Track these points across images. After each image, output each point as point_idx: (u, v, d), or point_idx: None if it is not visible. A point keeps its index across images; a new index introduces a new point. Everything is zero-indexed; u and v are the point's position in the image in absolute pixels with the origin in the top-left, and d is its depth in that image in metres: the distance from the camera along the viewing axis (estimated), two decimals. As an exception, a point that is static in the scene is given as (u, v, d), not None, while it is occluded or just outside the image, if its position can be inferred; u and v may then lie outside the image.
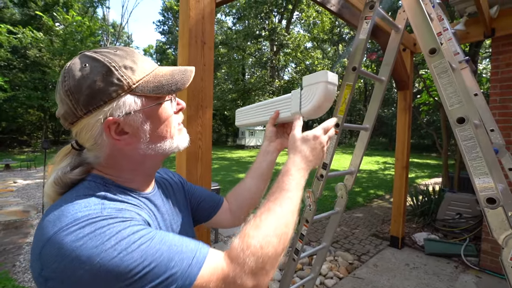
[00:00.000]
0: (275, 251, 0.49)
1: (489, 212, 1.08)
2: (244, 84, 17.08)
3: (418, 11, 1.27)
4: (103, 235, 0.39)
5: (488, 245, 2.85)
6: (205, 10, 1.32)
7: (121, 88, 0.48)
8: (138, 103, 0.50)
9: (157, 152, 0.55)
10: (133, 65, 0.50)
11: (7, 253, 3.32)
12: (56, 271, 0.38)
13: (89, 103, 0.47)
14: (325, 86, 0.66)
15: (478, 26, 2.75)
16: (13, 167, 10.99)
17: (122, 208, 0.47)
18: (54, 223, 0.41)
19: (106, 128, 0.48)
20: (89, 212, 0.42)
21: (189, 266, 0.42)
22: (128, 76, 0.49)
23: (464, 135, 1.14)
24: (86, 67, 0.48)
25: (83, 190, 0.49)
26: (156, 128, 0.53)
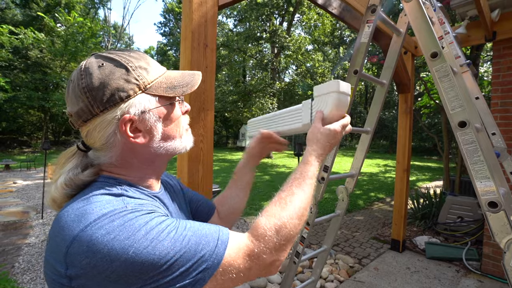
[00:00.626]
0: (296, 231, 0.54)
1: (490, 216, 1.08)
2: (245, 86, 17.08)
3: (419, 15, 1.28)
4: (133, 227, 0.40)
5: (490, 249, 2.84)
6: (208, 13, 1.33)
7: (138, 87, 0.50)
8: (152, 102, 0.52)
9: (167, 151, 0.57)
10: (147, 66, 0.53)
11: (6, 254, 3.31)
12: (86, 267, 0.38)
13: (107, 101, 0.48)
14: (337, 97, 0.65)
15: (479, 30, 2.76)
16: (13, 167, 11.00)
17: (143, 202, 0.48)
18: (79, 221, 0.41)
19: (122, 125, 0.49)
20: (114, 207, 0.43)
21: (215, 247, 0.45)
22: (143, 76, 0.51)
23: (465, 139, 1.14)
24: (103, 66, 0.49)
25: (99, 189, 0.48)
26: (168, 127, 0.56)
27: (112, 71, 0.49)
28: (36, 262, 3.11)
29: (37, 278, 2.78)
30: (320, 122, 0.68)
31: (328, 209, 5.56)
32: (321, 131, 0.67)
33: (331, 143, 0.67)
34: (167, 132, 0.56)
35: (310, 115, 0.71)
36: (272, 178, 9.42)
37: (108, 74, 0.48)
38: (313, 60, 17.56)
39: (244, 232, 0.53)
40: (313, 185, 0.62)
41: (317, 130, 0.67)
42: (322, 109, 0.68)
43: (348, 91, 0.67)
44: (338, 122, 0.68)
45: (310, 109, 0.71)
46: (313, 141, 0.67)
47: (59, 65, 17.66)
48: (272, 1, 15.35)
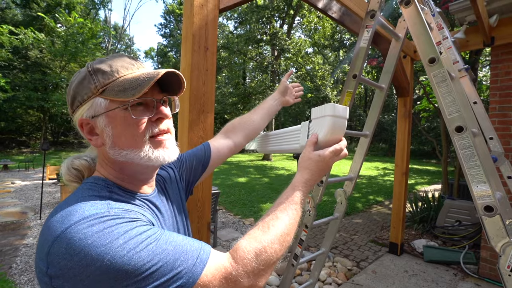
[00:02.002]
0: (276, 256, 0.53)
1: (486, 220, 1.09)
2: (245, 88, 17.10)
3: (418, 21, 1.29)
4: (111, 234, 0.40)
5: (487, 252, 2.85)
6: (209, 17, 1.34)
7: (91, 91, 0.52)
8: (102, 106, 0.52)
9: (126, 159, 0.53)
10: (106, 69, 0.52)
11: (4, 255, 3.30)
12: (63, 268, 0.39)
13: (72, 103, 0.55)
14: (332, 120, 0.64)
15: (477, 35, 2.79)
16: (11, 167, 10.97)
17: (127, 208, 0.48)
18: (62, 221, 0.42)
19: (80, 126, 0.54)
20: (96, 211, 0.44)
21: (193, 265, 0.44)
22: (98, 80, 0.52)
23: (462, 144, 1.16)
24: (78, 73, 0.55)
25: (87, 191, 0.51)
26: (119, 133, 0.52)
27: (78, 77, 0.54)
28: (34, 263, 3.10)
29: (34, 279, 2.77)
30: (312, 147, 0.67)
31: (327, 212, 5.56)
32: (311, 156, 0.65)
33: (320, 169, 0.65)
34: (118, 138, 0.53)
35: (307, 137, 0.71)
36: (271, 180, 9.41)
37: (75, 81, 0.54)
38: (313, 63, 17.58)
39: (242, 233, 0.53)
40: (298, 211, 0.60)
41: (307, 155, 0.66)
42: (318, 133, 0.67)
43: (345, 114, 0.65)
44: (330, 148, 0.66)
45: (307, 131, 0.71)
46: (302, 166, 0.66)
47: (58, 66, 17.68)
48: (273, 4, 15.42)
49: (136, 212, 0.49)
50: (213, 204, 3.56)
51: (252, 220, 4.90)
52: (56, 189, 7.16)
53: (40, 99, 16.60)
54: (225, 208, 5.76)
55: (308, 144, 0.68)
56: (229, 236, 4.07)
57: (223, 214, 5.31)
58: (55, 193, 6.71)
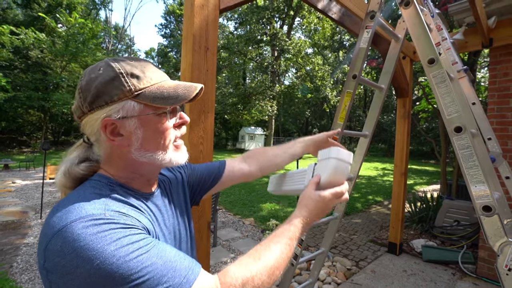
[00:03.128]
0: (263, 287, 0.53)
1: (485, 219, 1.10)
2: (245, 89, 17.12)
3: (417, 22, 1.31)
4: (104, 239, 0.41)
5: (485, 252, 2.86)
6: (209, 17, 1.35)
7: (123, 93, 0.52)
8: (136, 109, 0.53)
9: (149, 160, 0.56)
10: (140, 74, 0.53)
11: (5, 254, 3.31)
12: (57, 265, 0.40)
13: (93, 102, 0.52)
14: (335, 163, 0.65)
15: (476, 36, 2.80)
16: (12, 167, 10.97)
17: (124, 212, 0.48)
18: (60, 219, 0.44)
19: (103, 127, 0.53)
20: (93, 211, 0.44)
21: (179, 284, 0.44)
22: (132, 83, 0.52)
23: (461, 144, 1.17)
24: (100, 71, 0.53)
25: (89, 188, 0.52)
26: (149, 137, 0.55)
27: (104, 76, 0.52)
28: (35, 262, 3.11)
29: (35, 278, 2.78)
30: (314, 186, 0.67)
31: (327, 212, 5.57)
32: (311, 195, 0.65)
33: (318, 209, 0.65)
34: (147, 141, 0.55)
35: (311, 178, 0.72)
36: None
37: (99, 78, 0.52)
38: (313, 63, 17.62)
39: (242, 233, 0.53)
40: (291, 247, 0.60)
41: (308, 194, 0.66)
42: (321, 174, 0.68)
43: (349, 159, 0.66)
44: (331, 190, 0.66)
45: (312, 172, 0.72)
46: (302, 204, 0.66)
47: (59, 66, 17.69)
48: (273, 5, 15.46)
49: (132, 217, 0.49)
50: (213, 204, 3.57)
51: (252, 220, 4.91)
52: (57, 189, 7.14)
53: (41, 99, 16.60)
54: (225, 208, 5.77)
55: (310, 183, 0.68)
56: (229, 235, 4.08)
57: (223, 213, 5.32)
58: (55, 193, 6.72)
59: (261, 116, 16.75)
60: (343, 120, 1.55)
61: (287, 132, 33.28)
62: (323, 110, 25.34)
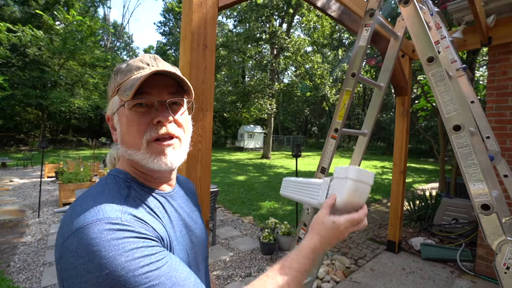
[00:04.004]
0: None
1: (483, 218, 1.10)
2: (244, 87, 17.07)
3: (416, 20, 1.30)
4: (117, 248, 0.41)
5: (484, 250, 2.87)
6: (208, 14, 1.34)
7: (112, 90, 0.57)
8: (117, 104, 0.56)
9: (129, 157, 0.55)
10: (124, 69, 0.56)
11: (2, 253, 3.30)
12: (70, 265, 0.41)
13: (108, 98, 0.60)
14: (353, 185, 0.58)
15: (475, 35, 2.80)
16: (9, 165, 10.93)
17: (140, 217, 0.48)
18: (79, 217, 0.44)
19: (107, 120, 0.60)
20: (110, 213, 0.44)
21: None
22: (116, 79, 0.57)
23: (460, 142, 1.17)
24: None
25: (109, 185, 0.53)
26: (124, 132, 0.55)
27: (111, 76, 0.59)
28: (32, 261, 3.10)
29: (33, 277, 2.77)
30: (328, 209, 0.59)
31: (325, 210, 5.58)
32: (325, 221, 0.57)
33: (331, 238, 0.57)
34: (123, 137, 0.56)
35: (325, 196, 0.65)
36: (270, 178, 9.43)
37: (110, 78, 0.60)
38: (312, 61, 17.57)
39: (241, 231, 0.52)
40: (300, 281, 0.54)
41: (321, 219, 0.58)
42: (337, 194, 0.61)
43: (370, 180, 0.59)
44: (347, 216, 0.57)
45: (327, 188, 0.65)
46: (314, 231, 0.59)
47: (57, 63, 17.60)
48: (272, 3, 15.38)
49: (147, 225, 0.48)
50: (212, 202, 3.57)
51: (251, 218, 4.91)
52: (55, 187, 7.14)
53: (39, 96, 16.54)
54: (224, 206, 5.77)
55: (324, 205, 0.60)
56: (228, 234, 4.08)
57: (222, 212, 5.32)
58: (53, 191, 6.70)
59: (260, 114, 16.71)
60: (342, 119, 1.54)
61: (287, 130, 33.30)
62: (322, 108, 25.35)
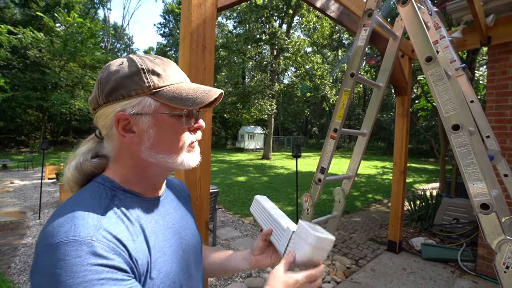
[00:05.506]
0: None
1: (482, 217, 1.10)
2: (244, 88, 17.09)
3: (415, 20, 1.30)
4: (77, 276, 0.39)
5: (485, 250, 2.87)
6: (207, 15, 1.35)
7: (142, 89, 0.51)
8: (152, 107, 0.51)
9: (159, 162, 0.54)
10: (161, 72, 0.52)
11: (3, 255, 3.30)
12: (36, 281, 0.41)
13: (109, 95, 0.51)
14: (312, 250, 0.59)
15: (474, 34, 2.80)
16: (10, 167, 10.94)
17: (115, 234, 0.46)
18: (53, 231, 0.43)
19: (116, 121, 0.51)
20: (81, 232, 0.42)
21: None
22: (151, 80, 0.51)
23: (458, 142, 1.17)
24: (122, 65, 0.53)
25: (89, 194, 0.51)
26: (161, 137, 0.53)
27: (124, 70, 0.51)
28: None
29: (33, 278, 2.77)
30: (287, 266, 0.59)
31: (325, 210, 5.58)
32: (282, 279, 0.56)
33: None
34: (159, 142, 0.53)
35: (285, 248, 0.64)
36: (270, 179, 9.43)
37: (119, 72, 0.51)
38: (312, 62, 17.58)
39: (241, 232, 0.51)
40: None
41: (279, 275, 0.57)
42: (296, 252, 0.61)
43: (328, 246, 0.59)
44: (306, 273, 0.58)
45: (288, 241, 0.64)
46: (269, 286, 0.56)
47: (58, 65, 17.62)
48: (272, 3, 15.42)
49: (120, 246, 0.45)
50: (212, 203, 3.56)
51: (252, 219, 4.91)
52: (55, 189, 7.15)
53: (39, 98, 16.54)
54: (224, 207, 5.77)
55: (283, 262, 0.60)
56: (228, 235, 4.08)
57: (222, 213, 5.32)
58: (54, 193, 6.71)
59: (261, 115, 16.71)
60: (341, 119, 1.54)
61: (287, 130, 33.29)
62: (323, 108, 25.35)
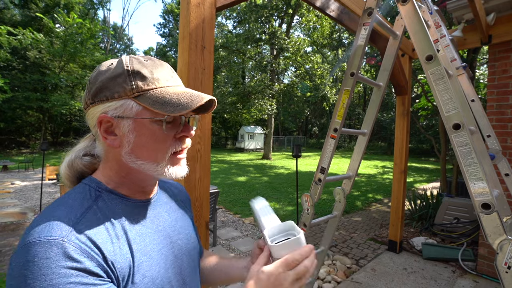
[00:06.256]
0: None
1: (484, 217, 1.09)
2: (244, 88, 17.07)
3: (415, 18, 1.29)
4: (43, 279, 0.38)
5: (485, 249, 2.86)
6: (206, 15, 1.34)
7: (124, 91, 0.49)
8: (133, 110, 0.50)
9: (140, 168, 0.52)
10: (147, 75, 0.50)
11: (3, 255, 3.30)
12: (8, 280, 0.40)
13: (95, 95, 0.51)
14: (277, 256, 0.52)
15: (475, 33, 2.79)
16: (11, 168, 10.95)
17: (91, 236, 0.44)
18: (29, 232, 0.42)
19: (98, 122, 0.51)
20: (54, 232, 0.41)
21: None
22: (135, 83, 0.49)
23: (459, 141, 1.16)
24: (111, 65, 0.52)
25: (73, 196, 0.50)
26: (141, 143, 0.51)
27: (112, 71, 0.50)
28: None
29: (34, 279, 2.77)
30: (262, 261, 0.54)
31: (326, 210, 5.57)
32: (254, 275, 0.50)
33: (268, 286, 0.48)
34: (138, 147, 0.51)
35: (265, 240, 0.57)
36: (270, 179, 9.42)
37: (107, 73, 0.50)
38: (312, 62, 17.56)
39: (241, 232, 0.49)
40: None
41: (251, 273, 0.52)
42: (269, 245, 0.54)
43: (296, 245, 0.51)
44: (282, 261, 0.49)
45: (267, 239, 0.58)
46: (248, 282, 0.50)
47: (57, 66, 17.64)
48: (272, 3, 15.41)
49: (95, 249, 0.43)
50: (213, 203, 3.56)
51: (252, 219, 4.90)
52: (56, 189, 7.15)
53: (39, 99, 16.56)
54: (224, 207, 5.76)
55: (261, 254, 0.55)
56: (229, 235, 4.08)
57: (222, 213, 5.31)
58: (54, 194, 6.71)
59: (261, 115, 16.70)
60: (341, 118, 1.54)
61: (287, 130, 33.28)
62: (323, 108, 25.34)
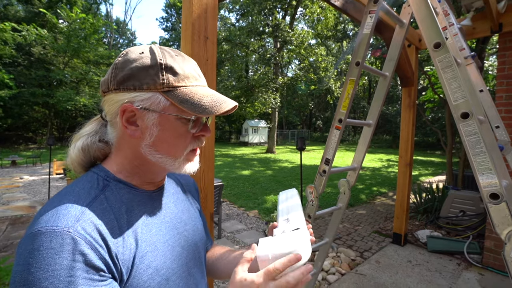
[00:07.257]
0: None
1: (492, 207, 1.08)
2: (248, 81, 16.97)
3: (423, 5, 1.26)
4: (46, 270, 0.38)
5: (491, 242, 2.84)
6: (208, 5, 1.32)
7: (154, 84, 0.49)
8: (160, 105, 0.50)
9: (157, 161, 0.53)
10: (179, 71, 0.50)
11: (15, 247, 3.38)
12: (13, 267, 0.41)
13: (121, 82, 0.50)
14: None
15: (485, 22, 2.71)
16: (19, 163, 11.15)
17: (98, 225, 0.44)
18: (37, 220, 0.43)
19: (122, 111, 0.50)
20: (60, 222, 0.41)
21: None
22: (167, 78, 0.49)
23: (468, 130, 1.14)
24: (142, 54, 0.51)
25: (81, 184, 0.50)
26: (163, 138, 0.52)
27: (142, 61, 0.49)
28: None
29: (43, 270, 2.84)
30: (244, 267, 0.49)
31: (330, 202, 5.57)
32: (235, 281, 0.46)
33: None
34: (160, 142, 0.52)
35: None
36: (274, 173, 9.43)
37: (137, 61, 0.50)
38: (316, 54, 17.33)
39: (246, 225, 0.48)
40: None
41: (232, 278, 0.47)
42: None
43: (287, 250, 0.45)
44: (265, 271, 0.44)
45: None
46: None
47: (62, 62, 17.73)
48: (275, -5, 15.19)
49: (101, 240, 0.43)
50: (217, 197, 3.58)
51: (256, 212, 4.93)
52: (63, 184, 7.26)
53: (45, 95, 16.72)
54: (229, 200, 5.80)
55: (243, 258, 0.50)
56: (233, 228, 4.11)
57: (227, 206, 5.35)
58: (62, 188, 6.82)
59: (265, 109, 16.63)
60: (346, 109, 1.52)
61: (291, 124, 33.16)
62: (327, 101, 25.14)
